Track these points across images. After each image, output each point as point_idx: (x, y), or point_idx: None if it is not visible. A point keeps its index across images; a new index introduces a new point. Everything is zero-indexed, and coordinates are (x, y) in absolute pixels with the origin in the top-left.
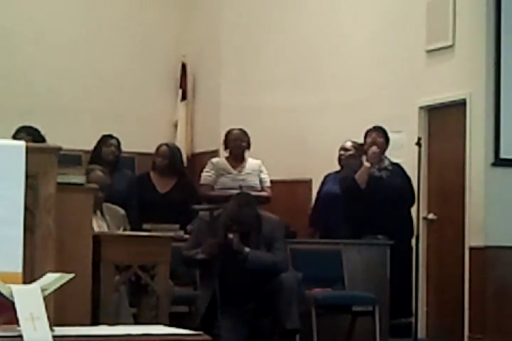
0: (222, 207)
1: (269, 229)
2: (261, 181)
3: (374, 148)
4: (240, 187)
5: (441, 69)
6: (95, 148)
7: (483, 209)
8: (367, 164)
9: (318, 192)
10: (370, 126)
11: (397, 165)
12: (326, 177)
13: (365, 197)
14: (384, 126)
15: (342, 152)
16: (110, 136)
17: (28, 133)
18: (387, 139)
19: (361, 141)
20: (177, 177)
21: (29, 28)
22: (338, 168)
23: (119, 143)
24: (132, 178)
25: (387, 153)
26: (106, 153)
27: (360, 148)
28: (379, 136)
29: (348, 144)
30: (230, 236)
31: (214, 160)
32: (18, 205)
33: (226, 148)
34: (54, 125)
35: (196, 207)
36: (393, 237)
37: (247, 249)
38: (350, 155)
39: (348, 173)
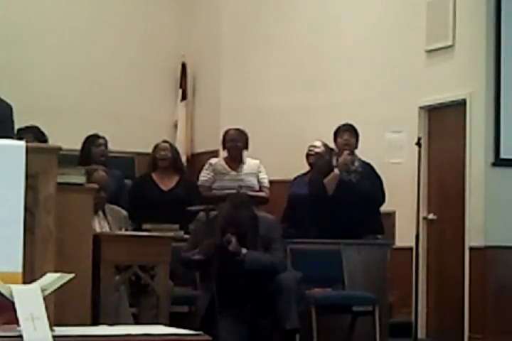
0: (218, 208)
1: (266, 229)
2: (259, 181)
3: (345, 157)
4: (240, 188)
5: (441, 69)
6: (82, 148)
7: (483, 209)
8: (336, 171)
9: (289, 194)
10: (340, 124)
11: (368, 165)
12: (294, 179)
13: (332, 202)
14: (384, 126)
15: (311, 148)
16: (97, 136)
17: (35, 134)
18: (357, 137)
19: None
20: (179, 174)
21: (29, 28)
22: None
23: (106, 141)
24: (121, 178)
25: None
26: (96, 153)
27: (328, 151)
28: (351, 136)
29: (318, 143)
30: (227, 238)
31: (212, 160)
32: (18, 205)
33: (224, 148)
34: (54, 125)
35: (191, 208)
36: (362, 237)
37: (244, 250)
38: (317, 153)
39: (317, 177)
